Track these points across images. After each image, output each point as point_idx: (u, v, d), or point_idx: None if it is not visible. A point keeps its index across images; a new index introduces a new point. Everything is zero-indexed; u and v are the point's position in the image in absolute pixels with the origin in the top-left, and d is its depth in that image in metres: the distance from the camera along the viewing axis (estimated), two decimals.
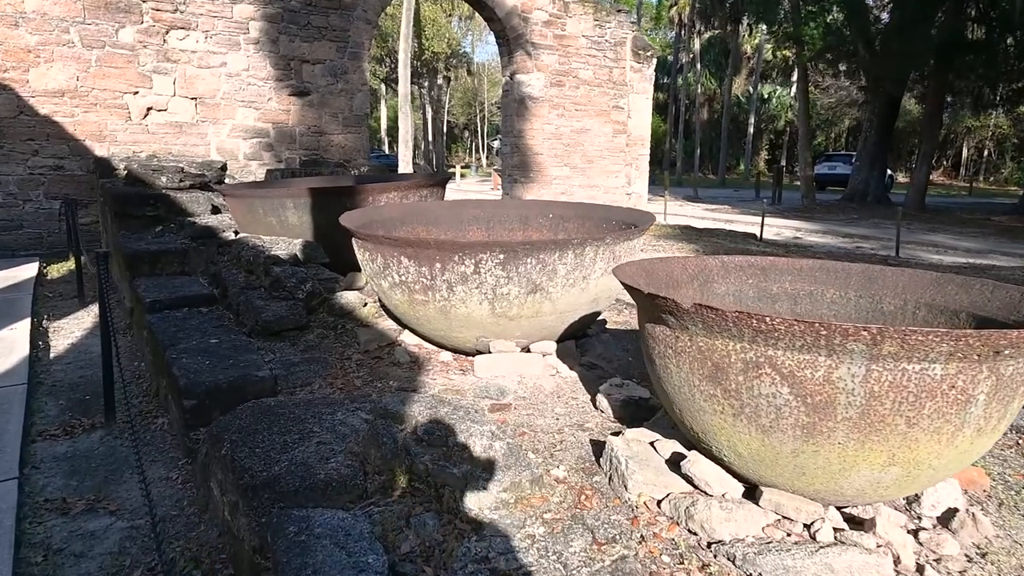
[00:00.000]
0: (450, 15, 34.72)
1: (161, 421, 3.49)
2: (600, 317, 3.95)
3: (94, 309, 5.57)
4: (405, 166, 21.28)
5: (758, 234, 12.70)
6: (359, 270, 5.29)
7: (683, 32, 41.87)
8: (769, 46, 44.29)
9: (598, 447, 2.57)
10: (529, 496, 2.16)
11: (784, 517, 1.96)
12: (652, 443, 2.34)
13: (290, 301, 3.86)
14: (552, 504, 2.15)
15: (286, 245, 4.70)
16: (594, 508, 2.13)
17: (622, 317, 4.80)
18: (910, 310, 2.55)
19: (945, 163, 47.53)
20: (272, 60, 9.23)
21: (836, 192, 27.68)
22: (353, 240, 3.60)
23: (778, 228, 14.83)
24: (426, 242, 3.10)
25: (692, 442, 2.18)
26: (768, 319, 1.68)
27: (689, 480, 2.11)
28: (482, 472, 2.17)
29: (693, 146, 45.47)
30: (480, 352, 3.53)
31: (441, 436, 2.30)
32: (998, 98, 20.35)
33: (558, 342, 3.59)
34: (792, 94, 48.03)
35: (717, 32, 42.89)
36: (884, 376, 1.67)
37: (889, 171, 24.93)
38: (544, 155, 12.23)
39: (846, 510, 2.05)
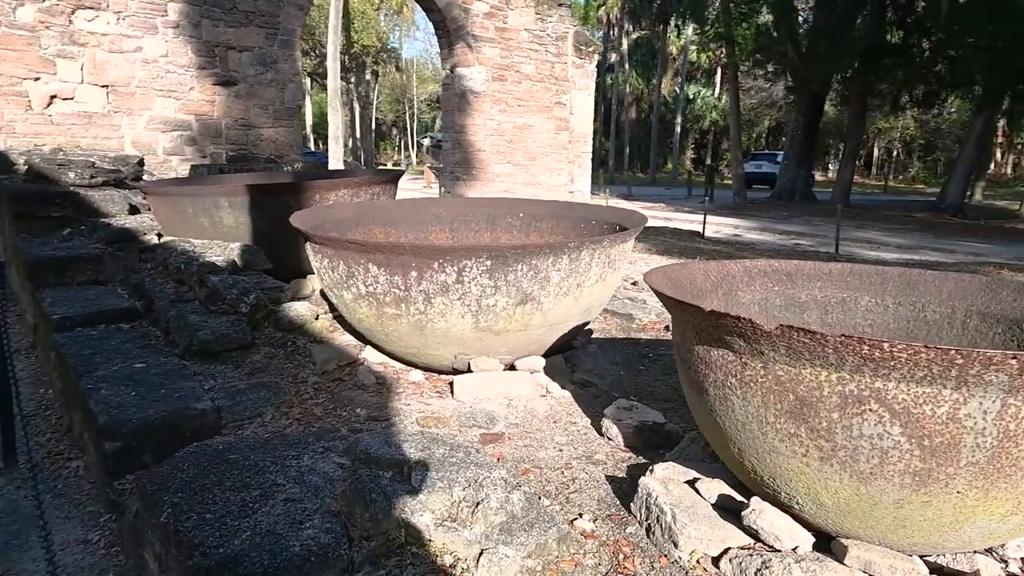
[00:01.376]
0: (378, 8, 33.76)
1: (76, 465, 2.90)
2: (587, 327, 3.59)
3: None
4: (335, 164, 20.41)
5: (701, 231, 12.70)
6: (304, 276, 4.76)
7: (611, 32, 42.22)
8: (694, 47, 45.29)
9: (619, 485, 2.20)
10: (558, 559, 1.77)
11: None
12: (691, 483, 1.99)
13: (231, 316, 3.32)
14: (587, 569, 1.76)
15: (221, 250, 4.12)
16: (638, 572, 1.76)
17: (596, 324, 4.45)
18: (959, 319, 2.29)
19: (858, 162, 49.81)
20: (194, 46, 8.46)
21: (761, 190, 28.40)
22: (308, 245, 3.10)
23: (716, 226, 14.92)
24: (400, 247, 2.65)
25: (750, 485, 1.83)
26: (885, 344, 1.34)
27: (752, 533, 1.76)
28: (499, 534, 1.76)
29: (622, 145, 46.00)
30: (458, 371, 3.10)
31: (444, 487, 1.87)
32: (912, 100, 21.24)
33: (545, 357, 3.21)
34: (716, 95, 49.35)
35: (644, 33, 43.49)
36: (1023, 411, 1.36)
37: None
38: (487, 152, 11.82)
39: (929, 558, 1.75)
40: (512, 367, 3.12)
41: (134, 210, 5.74)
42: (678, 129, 44.53)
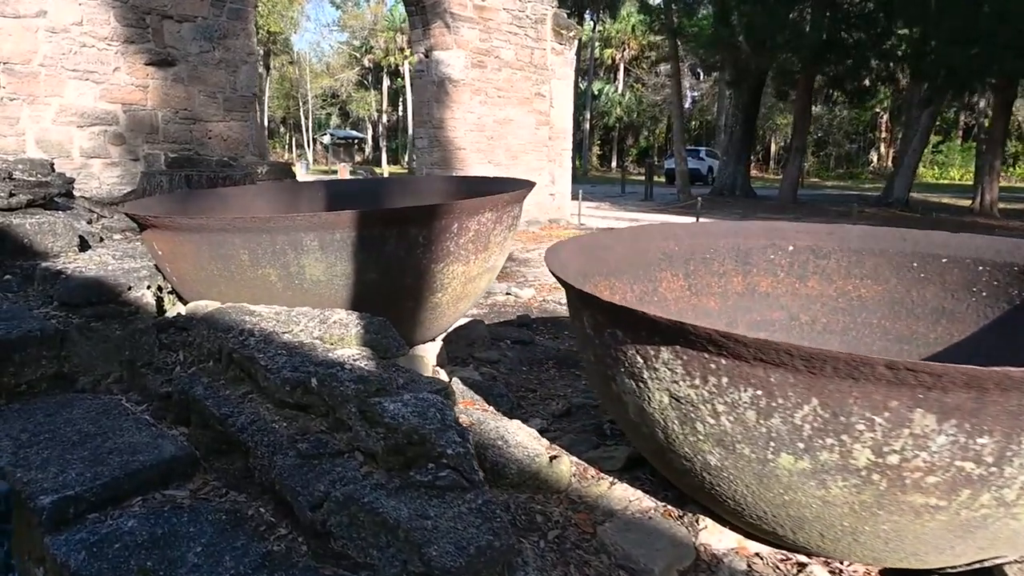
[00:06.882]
0: None
1: None
2: None
3: None
4: None
5: None
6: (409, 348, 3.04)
7: None
8: (598, 44, 45.09)
9: None
10: None
11: None
12: None
13: (463, 494, 1.60)
14: None
15: (319, 326, 2.35)
16: None
17: None
18: None
19: (756, 158, 51.60)
20: (118, 12, 6.30)
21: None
22: (674, 351, 1.47)
23: None
24: None
25: None
26: None
27: None
28: None
29: None
30: (910, 570, 1.59)
31: None
32: (846, 94, 21.30)
33: None
34: (620, 91, 49.43)
35: None
36: None
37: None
38: (467, 149, 10.15)
39: None
40: None
41: (84, 244, 3.77)
42: (587, 126, 44.11)
